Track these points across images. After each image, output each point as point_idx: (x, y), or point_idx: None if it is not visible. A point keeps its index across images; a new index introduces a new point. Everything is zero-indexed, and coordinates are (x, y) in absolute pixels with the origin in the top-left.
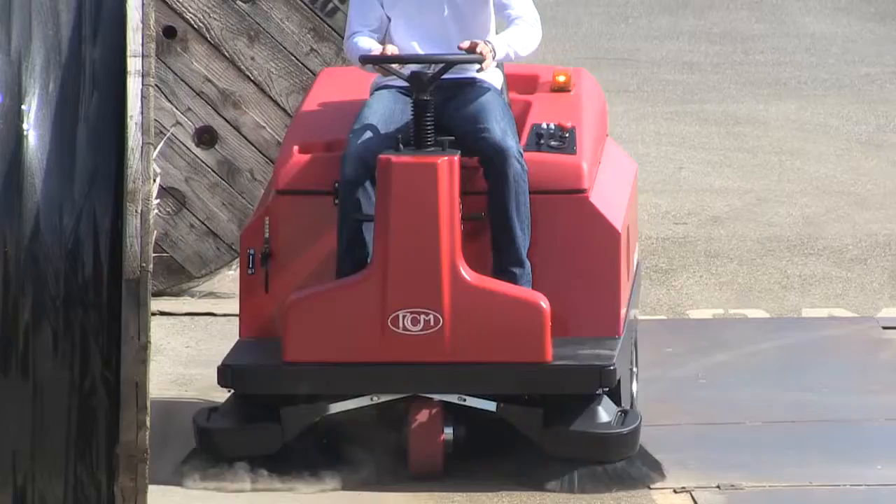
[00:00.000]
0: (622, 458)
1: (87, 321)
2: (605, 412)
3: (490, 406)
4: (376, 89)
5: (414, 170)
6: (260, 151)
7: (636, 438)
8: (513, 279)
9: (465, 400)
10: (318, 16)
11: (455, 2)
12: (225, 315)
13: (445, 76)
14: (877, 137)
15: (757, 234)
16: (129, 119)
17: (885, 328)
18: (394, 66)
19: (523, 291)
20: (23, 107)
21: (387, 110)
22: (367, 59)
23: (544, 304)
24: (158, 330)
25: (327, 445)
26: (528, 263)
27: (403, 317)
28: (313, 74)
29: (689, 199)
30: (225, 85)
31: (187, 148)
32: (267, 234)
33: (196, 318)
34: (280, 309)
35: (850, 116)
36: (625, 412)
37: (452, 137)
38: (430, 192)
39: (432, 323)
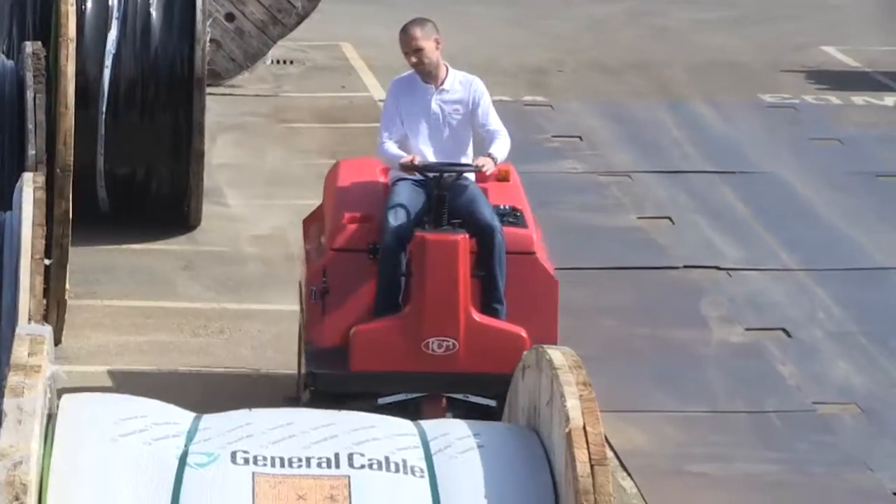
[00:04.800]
0: None
1: (179, 94)
2: None
3: (490, 402)
4: (397, 179)
5: (443, 244)
6: (255, 25)
7: None
8: (496, 311)
9: (468, 397)
10: None
11: (452, 126)
12: (239, 95)
13: (464, 170)
14: (522, 21)
15: (482, 67)
16: (197, 9)
17: (524, 105)
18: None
19: (510, 326)
20: (150, 4)
21: (409, 197)
22: (406, 168)
23: (524, 334)
24: (209, 100)
25: None
26: (504, 300)
27: (432, 342)
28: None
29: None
30: None
31: (223, 21)
32: (324, 278)
33: (224, 97)
34: (348, 334)
35: (507, 13)
36: None
37: (459, 220)
38: (453, 260)
39: (451, 347)
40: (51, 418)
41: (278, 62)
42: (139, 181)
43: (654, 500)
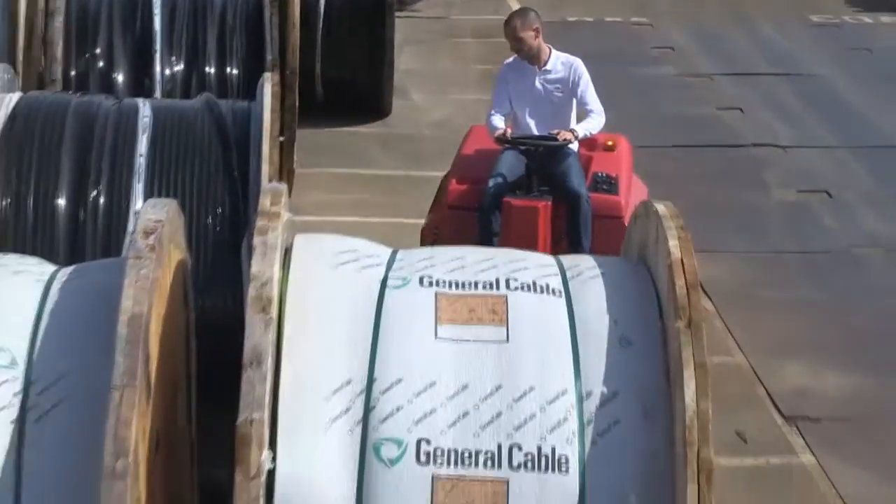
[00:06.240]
0: None
1: (375, 16)
2: None
3: None
4: (505, 149)
5: (525, 210)
6: None
7: None
8: None
9: None
10: None
11: (554, 102)
12: (418, 18)
13: (546, 143)
14: None
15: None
16: None
17: (632, 24)
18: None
19: None
20: None
21: (510, 165)
22: (500, 141)
23: None
24: (397, 21)
25: None
26: None
27: None
28: None
29: None
30: None
31: None
32: (436, 230)
33: (408, 18)
34: None
35: None
36: None
37: (547, 188)
38: (534, 225)
39: None
40: (287, 252)
41: None
42: (346, 81)
43: (729, 318)
